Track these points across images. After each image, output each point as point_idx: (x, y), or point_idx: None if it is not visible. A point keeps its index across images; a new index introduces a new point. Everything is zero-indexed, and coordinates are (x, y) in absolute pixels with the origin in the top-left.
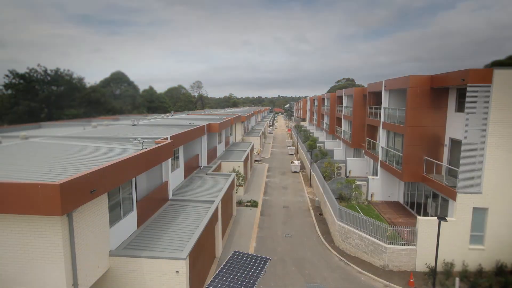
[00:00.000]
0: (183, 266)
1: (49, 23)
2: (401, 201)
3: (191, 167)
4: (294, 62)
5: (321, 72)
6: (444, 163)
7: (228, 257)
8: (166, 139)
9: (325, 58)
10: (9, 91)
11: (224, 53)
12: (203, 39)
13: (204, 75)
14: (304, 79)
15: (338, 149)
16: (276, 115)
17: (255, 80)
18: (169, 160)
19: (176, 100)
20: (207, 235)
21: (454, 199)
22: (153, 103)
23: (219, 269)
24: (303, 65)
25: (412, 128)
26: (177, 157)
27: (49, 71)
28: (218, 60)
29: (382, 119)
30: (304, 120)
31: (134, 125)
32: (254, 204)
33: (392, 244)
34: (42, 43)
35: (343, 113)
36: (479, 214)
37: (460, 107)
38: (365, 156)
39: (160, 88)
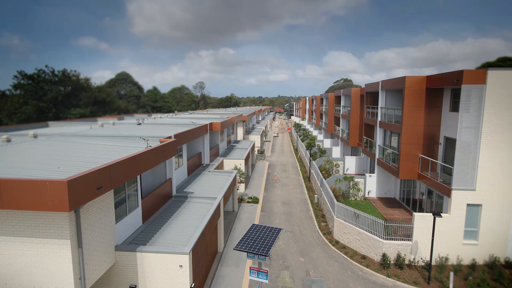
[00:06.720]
0: (186, 261)
1: None
2: (397, 198)
3: (194, 165)
4: None
5: None
6: (439, 161)
7: (248, 229)
8: (170, 137)
9: None
10: (18, 92)
11: None
12: None
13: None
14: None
15: (336, 148)
16: (278, 114)
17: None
18: (173, 157)
19: (180, 100)
20: (210, 230)
21: (449, 195)
22: (157, 103)
23: (241, 237)
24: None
25: (408, 127)
26: (181, 155)
27: (56, 72)
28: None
29: (379, 119)
30: (303, 119)
31: (139, 124)
32: (255, 200)
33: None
34: None
35: (341, 113)
36: (473, 210)
37: (454, 107)
38: (363, 154)
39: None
